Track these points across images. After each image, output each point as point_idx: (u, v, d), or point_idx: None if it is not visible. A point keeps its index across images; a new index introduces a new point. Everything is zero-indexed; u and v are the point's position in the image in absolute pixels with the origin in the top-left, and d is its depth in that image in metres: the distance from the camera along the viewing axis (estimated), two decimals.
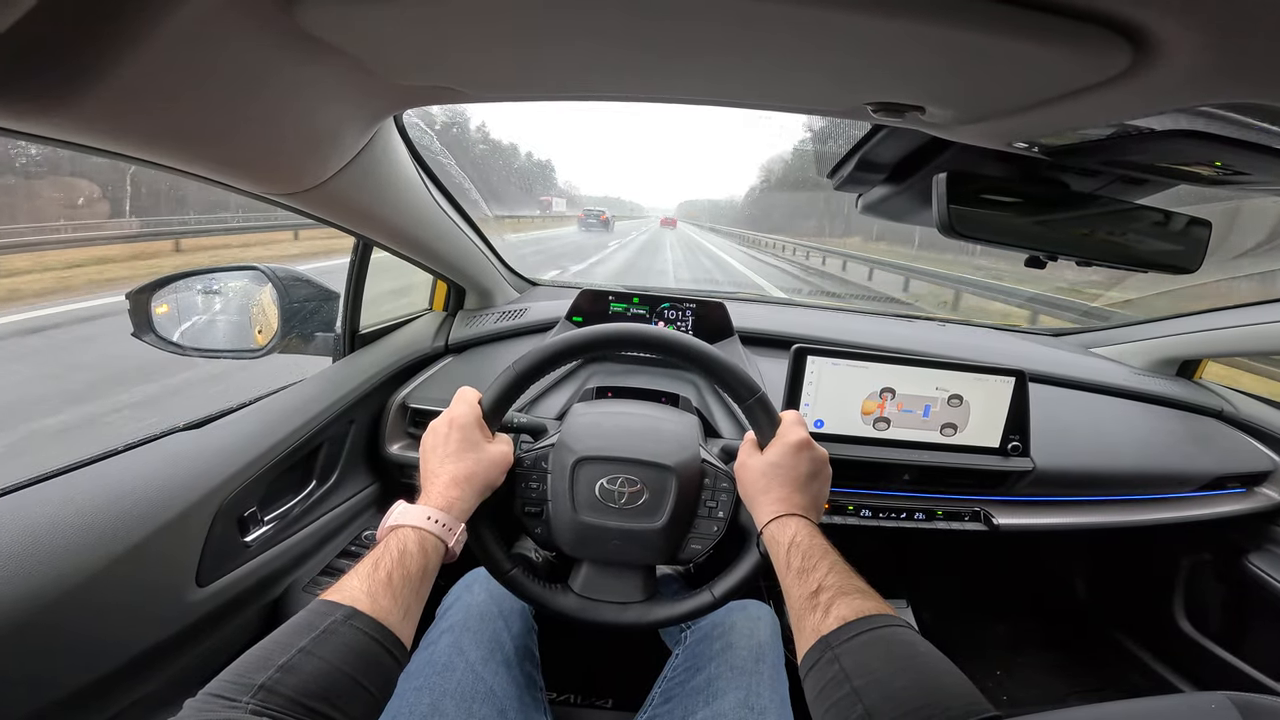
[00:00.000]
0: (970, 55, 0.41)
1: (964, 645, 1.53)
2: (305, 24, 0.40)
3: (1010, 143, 0.59)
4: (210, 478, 0.72)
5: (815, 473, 0.66)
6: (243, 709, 0.38)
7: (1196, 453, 1.20)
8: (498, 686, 0.72)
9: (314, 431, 0.89)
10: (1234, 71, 0.37)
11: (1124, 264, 0.71)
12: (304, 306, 0.96)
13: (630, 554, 0.73)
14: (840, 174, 0.81)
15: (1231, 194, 0.80)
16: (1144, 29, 0.35)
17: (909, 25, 0.37)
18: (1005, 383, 1.01)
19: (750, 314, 1.31)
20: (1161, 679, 1.40)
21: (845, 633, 0.49)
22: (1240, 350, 1.41)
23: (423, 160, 0.89)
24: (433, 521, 0.57)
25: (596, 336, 0.71)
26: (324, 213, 0.76)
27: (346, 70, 0.49)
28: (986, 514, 1.03)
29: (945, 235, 0.66)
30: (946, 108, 0.51)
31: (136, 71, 0.38)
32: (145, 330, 0.88)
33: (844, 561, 0.57)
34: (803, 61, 0.46)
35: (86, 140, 0.44)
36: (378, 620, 0.47)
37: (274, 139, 0.56)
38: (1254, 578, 1.25)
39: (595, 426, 0.77)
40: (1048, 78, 0.42)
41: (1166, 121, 0.49)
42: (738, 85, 0.54)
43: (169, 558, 0.67)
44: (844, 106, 0.56)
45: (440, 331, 1.23)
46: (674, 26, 0.42)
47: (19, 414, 2.82)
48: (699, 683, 0.76)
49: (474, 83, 0.55)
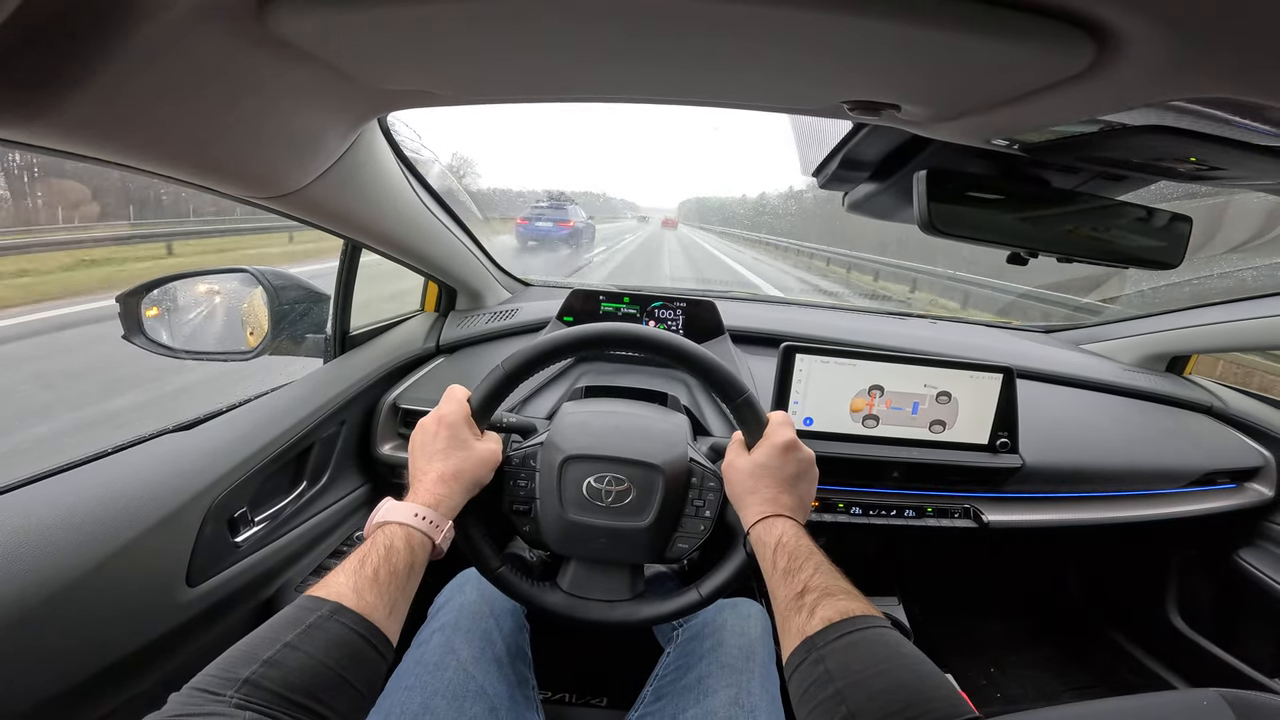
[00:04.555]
0: (939, 52, 0.41)
1: (957, 643, 1.53)
2: (279, 31, 0.41)
3: (988, 140, 0.59)
4: (200, 478, 0.72)
5: (802, 473, 0.67)
6: (227, 703, 0.38)
7: (1187, 448, 1.20)
8: (489, 685, 0.72)
9: (305, 432, 0.89)
10: (1199, 66, 0.38)
11: (1105, 260, 0.72)
12: (294, 308, 0.97)
13: (617, 552, 0.73)
14: (825, 172, 0.81)
15: (1212, 189, 0.80)
16: (1105, 25, 0.35)
17: (877, 24, 0.38)
18: (993, 379, 1.01)
19: (741, 313, 1.32)
20: (1154, 675, 1.40)
21: (830, 634, 0.49)
22: (1230, 346, 1.41)
23: (409, 162, 0.90)
24: (420, 518, 0.57)
25: (584, 336, 0.72)
26: (309, 216, 0.77)
27: (324, 76, 0.50)
28: (976, 511, 1.03)
29: (926, 233, 0.66)
30: (921, 105, 0.51)
31: (111, 79, 0.39)
32: (135, 333, 0.87)
33: (830, 562, 0.57)
34: (777, 61, 0.46)
35: (65, 146, 0.45)
36: (363, 616, 0.47)
37: (254, 144, 0.56)
38: (1245, 573, 1.25)
39: (584, 425, 0.77)
40: (1016, 74, 0.43)
41: (1139, 117, 0.49)
42: (715, 85, 0.54)
43: (159, 558, 0.67)
44: (822, 105, 0.56)
45: (431, 332, 1.23)
46: (649, 28, 0.42)
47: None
48: (690, 681, 0.76)
49: (453, 86, 0.55)
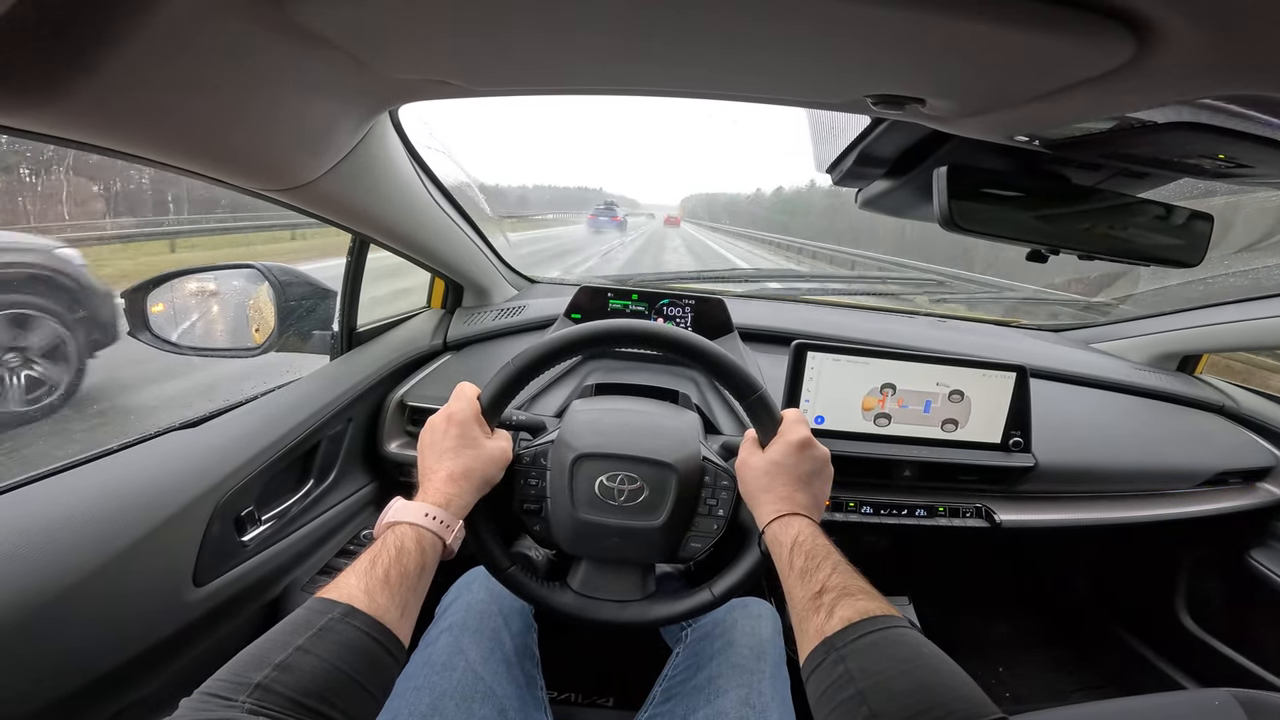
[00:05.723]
0: (972, 46, 0.40)
1: (967, 642, 1.53)
2: (296, 16, 0.40)
3: (1011, 136, 0.58)
4: (206, 477, 0.71)
5: (817, 471, 0.66)
6: (239, 708, 0.37)
7: (1198, 448, 1.20)
8: (497, 686, 0.71)
9: (311, 430, 0.88)
10: (1237, 63, 0.37)
11: (1125, 258, 0.71)
12: (300, 305, 0.96)
13: (629, 552, 0.72)
14: (840, 168, 0.80)
15: (1235, 187, 0.79)
16: (1147, 19, 0.34)
17: (911, 15, 0.37)
18: (1006, 378, 1.00)
19: (750, 310, 1.31)
20: (1165, 675, 1.40)
21: (849, 634, 0.48)
22: (1241, 345, 1.40)
23: (419, 157, 0.89)
24: (430, 518, 0.56)
25: (595, 332, 0.71)
26: (319, 209, 0.76)
27: (339, 63, 0.49)
28: (988, 510, 1.03)
29: (946, 229, 0.65)
30: (947, 100, 0.50)
31: (123, 66, 0.38)
32: (141, 329, 0.87)
33: (847, 562, 0.56)
34: (802, 52, 0.45)
35: (75, 135, 0.44)
36: (375, 618, 0.46)
37: (266, 134, 0.55)
38: (1257, 574, 1.24)
39: (595, 423, 0.77)
40: (1050, 69, 0.42)
41: (1169, 114, 0.48)
42: (737, 77, 0.53)
43: (165, 557, 0.66)
44: (843, 99, 0.55)
45: (438, 329, 1.22)
46: (673, 16, 0.41)
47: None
48: (700, 681, 0.75)
49: (469, 76, 0.54)
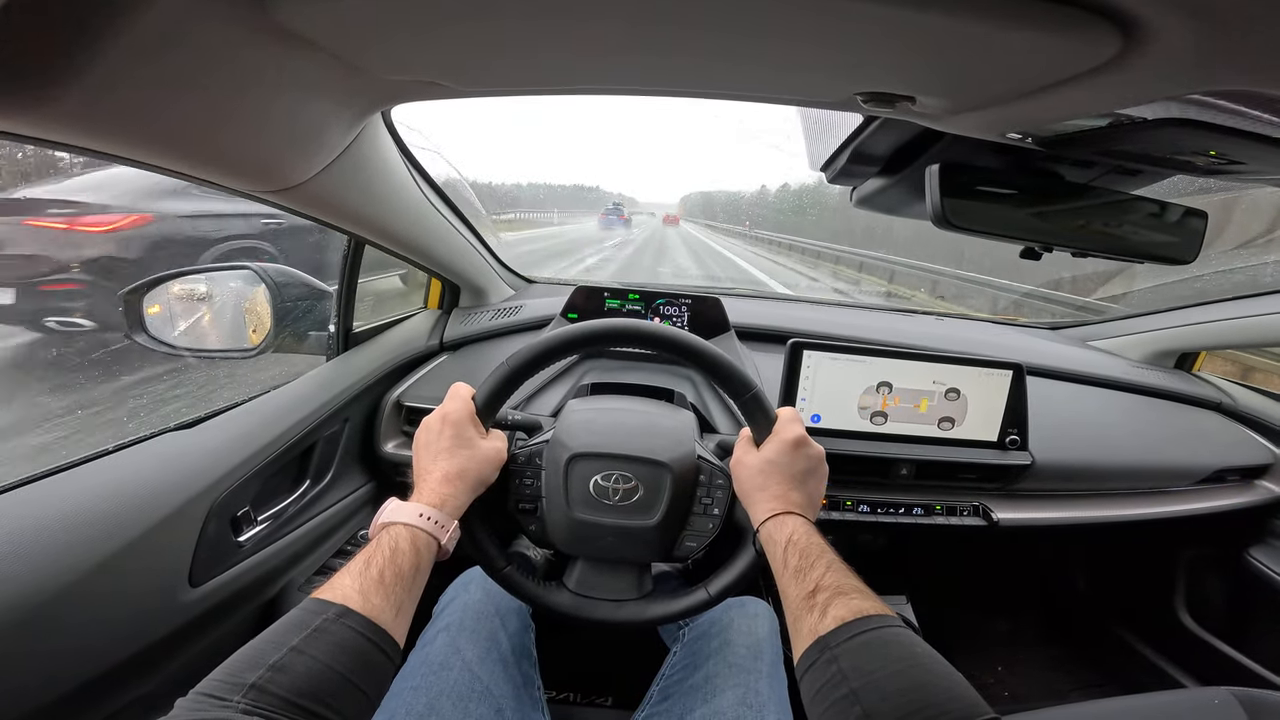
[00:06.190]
0: (960, 44, 0.40)
1: (965, 641, 1.53)
2: (281, 18, 0.40)
3: (1003, 134, 0.58)
4: (202, 477, 0.71)
5: (811, 470, 0.66)
6: (234, 708, 0.37)
7: (1196, 446, 1.20)
8: (494, 686, 0.71)
9: (307, 430, 0.88)
10: (1225, 58, 0.37)
11: (1120, 255, 0.71)
12: (297, 305, 0.96)
13: (625, 551, 0.72)
14: (833, 167, 0.80)
15: (1227, 184, 0.79)
16: (1132, 15, 0.34)
17: (898, 13, 0.37)
18: (1003, 376, 1.00)
19: (746, 309, 1.31)
20: (1164, 674, 1.39)
21: (843, 633, 0.48)
22: (1239, 342, 1.40)
23: (413, 157, 0.89)
24: (425, 519, 0.56)
25: (591, 332, 0.71)
26: (311, 210, 0.76)
27: (329, 66, 0.49)
28: (985, 509, 1.02)
29: (939, 227, 0.65)
30: (937, 97, 0.50)
31: (110, 69, 0.38)
32: (138, 330, 0.87)
33: (841, 560, 0.56)
34: (792, 51, 0.45)
35: (65, 139, 0.44)
36: (370, 619, 0.46)
37: (257, 137, 0.55)
38: (1255, 571, 1.24)
39: (590, 423, 0.77)
40: (1037, 66, 0.42)
41: (1159, 110, 0.48)
42: (726, 76, 0.53)
43: (161, 558, 0.66)
44: (834, 97, 0.55)
45: (435, 329, 1.22)
46: (661, 16, 0.41)
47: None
48: (697, 680, 0.75)
49: (459, 77, 0.54)
